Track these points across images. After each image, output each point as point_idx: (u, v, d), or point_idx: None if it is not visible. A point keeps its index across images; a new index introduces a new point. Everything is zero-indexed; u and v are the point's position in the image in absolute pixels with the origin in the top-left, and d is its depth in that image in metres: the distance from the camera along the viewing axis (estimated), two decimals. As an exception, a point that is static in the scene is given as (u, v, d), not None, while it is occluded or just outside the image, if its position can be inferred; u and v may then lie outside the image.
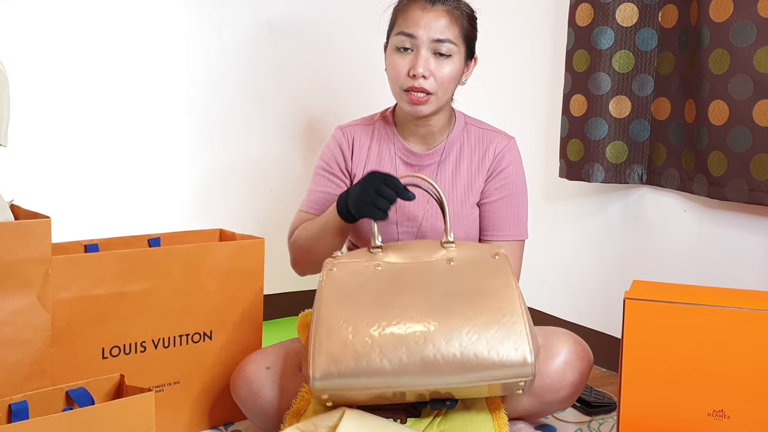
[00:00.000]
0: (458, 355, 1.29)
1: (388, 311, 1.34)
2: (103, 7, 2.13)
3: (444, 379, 1.30)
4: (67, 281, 1.48)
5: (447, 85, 1.58)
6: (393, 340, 1.30)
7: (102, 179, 2.17)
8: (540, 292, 2.41)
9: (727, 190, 1.77)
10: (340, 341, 1.31)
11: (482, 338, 1.30)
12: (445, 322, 1.31)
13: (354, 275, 1.42)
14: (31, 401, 1.29)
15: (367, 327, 1.32)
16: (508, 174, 1.66)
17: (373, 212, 1.45)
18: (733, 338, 1.37)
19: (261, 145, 2.45)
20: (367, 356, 1.30)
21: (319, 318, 1.35)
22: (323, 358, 1.30)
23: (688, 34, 1.89)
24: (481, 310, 1.33)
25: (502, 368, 1.29)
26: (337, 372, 1.30)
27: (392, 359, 1.29)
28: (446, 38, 1.55)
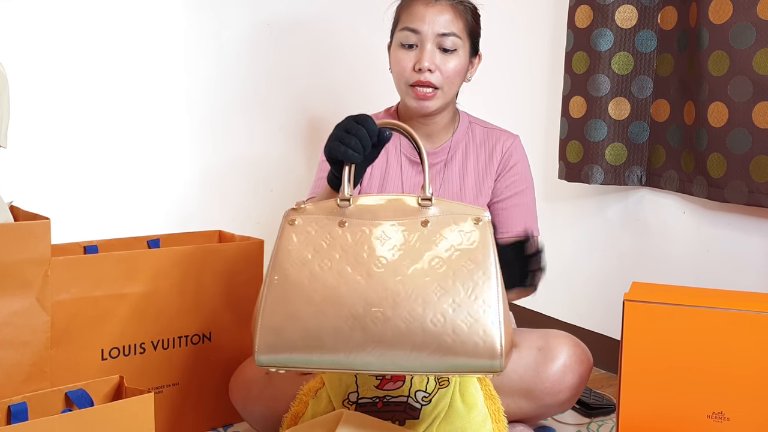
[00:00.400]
0: (420, 342, 1.16)
1: (346, 284, 1.19)
2: (102, 9, 2.13)
3: (403, 364, 1.18)
4: (66, 282, 1.48)
5: (453, 80, 1.58)
6: (349, 320, 1.17)
7: (101, 180, 2.17)
8: (539, 293, 2.40)
9: (726, 191, 1.77)
10: (290, 314, 1.18)
11: (447, 324, 1.16)
12: (409, 305, 1.17)
13: (316, 233, 1.25)
14: (30, 402, 1.28)
15: (322, 302, 1.18)
16: (516, 171, 1.67)
17: (342, 151, 1.27)
18: (732, 340, 1.37)
19: (261, 146, 2.45)
20: (319, 334, 1.17)
21: (270, 283, 1.21)
22: (269, 332, 1.17)
23: (687, 35, 1.89)
24: (450, 290, 1.18)
25: (468, 358, 1.16)
26: (283, 348, 1.17)
27: (347, 340, 1.16)
28: (451, 32, 1.56)
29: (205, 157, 2.36)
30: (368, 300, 1.17)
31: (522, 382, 1.49)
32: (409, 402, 1.47)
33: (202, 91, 2.33)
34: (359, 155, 1.27)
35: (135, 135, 2.22)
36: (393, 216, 1.25)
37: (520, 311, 2.39)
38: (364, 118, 1.29)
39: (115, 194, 2.20)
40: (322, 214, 1.27)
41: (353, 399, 1.47)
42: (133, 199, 2.23)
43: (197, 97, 2.32)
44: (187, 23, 2.28)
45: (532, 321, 2.37)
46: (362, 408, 1.46)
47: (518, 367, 1.50)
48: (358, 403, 1.47)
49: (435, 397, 1.48)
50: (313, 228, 1.26)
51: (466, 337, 1.15)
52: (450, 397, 1.48)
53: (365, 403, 1.47)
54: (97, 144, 2.16)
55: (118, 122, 2.19)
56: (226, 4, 2.33)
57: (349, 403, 1.46)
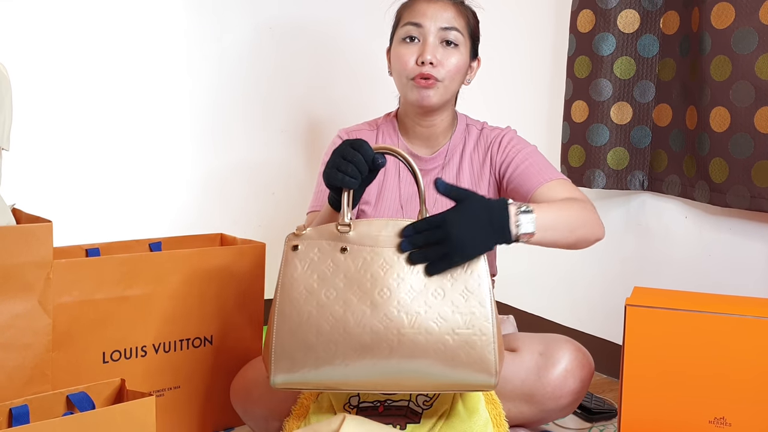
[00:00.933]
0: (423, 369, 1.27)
1: (353, 315, 1.27)
2: (104, 14, 2.14)
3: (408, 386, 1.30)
4: (68, 285, 1.48)
5: (454, 75, 1.58)
6: (358, 349, 1.26)
7: (103, 183, 2.17)
8: (540, 298, 2.41)
9: (728, 196, 1.77)
10: (303, 344, 1.27)
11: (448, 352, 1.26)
12: (413, 334, 1.26)
13: (318, 260, 1.31)
14: (31, 405, 1.28)
15: (331, 331, 1.26)
16: (512, 144, 1.63)
17: (339, 178, 1.29)
18: (734, 345, 1.37)
19: (263, 150, 2.45)
20: (330, 362, 1.27)
21: (281, 311, 1.29)
22: (285, 361, 1.28)
23: (689, 40, 1.89)
24: (449, 319, 1.26)
25: (466, 381, 1.28)
26: (298, 374, 1.28)
27: (355, 366, 1.27)
28: (453, 26, 1.57)
29: (207, 161, 2.36)
30: (374, 329, 1.25)
31: (523, 387, 1.49)
32: (410, 406, 1.47)
33: (204, 95, 2.33)
34: (356, 181, 1.29)
35: (137, 138, 2.23)
36: (393, 242, 1.30)
37: (522, 315, 2.39)
38: (360, 143, 1.30)
39: (117, 197, 2.20)
40: (324, 239, 1.31)
41: (354, 403, 1.47)
42: (135, 202, 2.23)
43: (199, 100, 2.33)
44: (189, 27, 2.28)
45: (533, 325, 2.37)
46: (363, 412, 1.46)
47: (520, 372, 1.50)
48: (359, 407, 1.47)
49: (436, 402, 1.48)
50: (316, 255, 1.31)
51: (464, 364, 1.25)
52: (451, 401, 1.48)
53: (366, 407, 1.47)
54: (99, 147, 2.16)
55: (121, 126, 2.19)
56: (228, 8, 2.34)
57: (350, 407, 1.46)
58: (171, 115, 2.28)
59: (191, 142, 2.32)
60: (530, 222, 1.30)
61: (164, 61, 2.25)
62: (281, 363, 1.28)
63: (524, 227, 1.30)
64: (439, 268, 1.27)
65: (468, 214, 1.27)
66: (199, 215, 2.35)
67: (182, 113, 2.30)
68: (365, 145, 1.30)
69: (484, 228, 1.27)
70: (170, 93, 2.27)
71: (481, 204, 1.29)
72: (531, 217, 1.31)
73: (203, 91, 2.33)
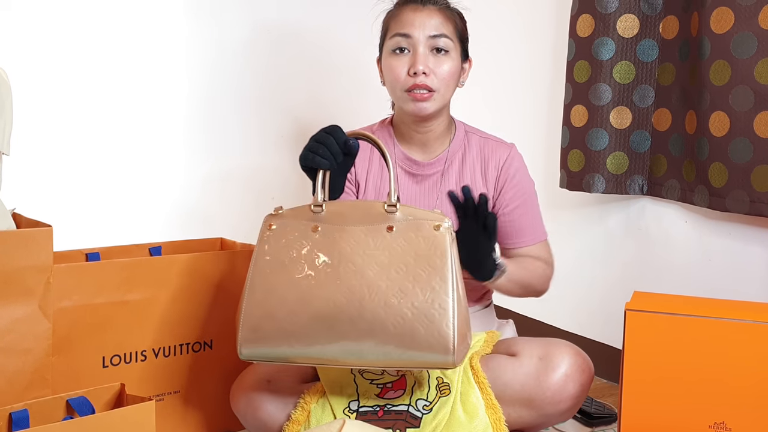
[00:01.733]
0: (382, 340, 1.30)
1: (318, 287, 1.33)
2: (103, 19, 2.14)
3: (368, 359, 1.32)
4: (68, 290, 1.48)
5: (448, 82, 1.59)
6: (320, 320, 1.31)
7: (104, 188, 2.17)
8: (540, 302, 2.40)
9: (728, 201, 1.77)
10: (269, 315, 1.33)
11: (406, 325, 1.29)
12: (372, 307, 1.30)
13: (292, 238, 1.38)
14: (31, 410, 1.28)
15: (295, 303, 1.32)
16: (517, 181, 1.67)
17: (311, 158, 1.38)
18: (734, 350, 1.37)
19: (261, 154, 2.45)
20: (293, 332, 1.32)
21: (251, 285, 1.36)
22: (250, 331, 1.33)
23: (688, 45, 1.89)
24: (409, 293, 1.31)
25: (424, 355, 1.30)
26: (263, 344, 1.33)
27: (317, 337, 1.31)
28: (442, 33, 1.58)
29: (207, 165, 2.36)
30: (337, 302, 1.31)
31: (523, 392, 1.49)
32: (410, 410, 1.47)
33: (205, 99, 2.34)
34: (327, 162, 1.38)
35: (136, 143, 2.23)
36: (361, 221, 1.37)
37: (521, 320, 2.39)
38: (333, 128, 1.41)
39: (117, 201, 2.20)
40: (298, 219, 1.40)
41: (354, 407, 1.47)
42: (134, 206, 2.23)
43: (199, 105, 2.33)
44: (187, 33, 2.29)
45: (533, 330, 2.36)
46: (363, 416, 1.46)
47: (519, 376, 1.50)
48: (358, 411, 1.47)
49: (436, 406, 1.48)
50: (290, 232, 1.39)
51: (422, 338, 1.29)
52: (451, 405, 1.48)
53: (366, 412, 1.47)
54: (99, 152, 2.16)
55: (120, 130, 2.20)
56: (225, 13, 2.34)
57: (349, 411, 1.46)
58: (170, 119, 2.28)
59: (191, 147, 2.33)
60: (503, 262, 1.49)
61: (162, 66, 2.25)
62: (247, 333, 1.34)
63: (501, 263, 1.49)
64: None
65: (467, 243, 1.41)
66: (199, 219, 2.35)
67: (181, 118, 2.30)
68: (338, 130, 1.40)
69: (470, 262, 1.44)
70: (169, 98, 2.27)
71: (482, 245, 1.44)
72: (504, 275, 1.50)
73: (202, 96, 2.33)
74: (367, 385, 1.50)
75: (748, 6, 1.71)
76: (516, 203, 1.66)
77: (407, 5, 1.61)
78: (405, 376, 1.51)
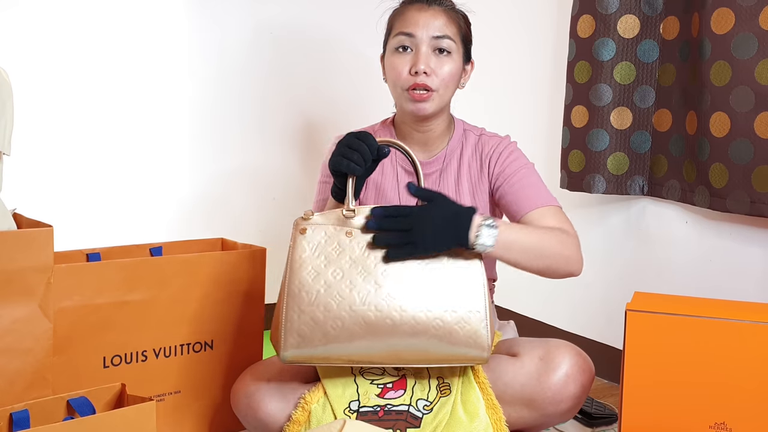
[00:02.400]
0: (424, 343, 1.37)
1: (358, 294, 1.37)
2: (105, 19, 2.14)
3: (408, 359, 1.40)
4: (68, 290, 1.48)
5: (448, 83, 1.59)
6: (363, 325, 1.36)
7: (104, 188, 2.18)
8: (541, 302, 2.41)
9: (728, 201, 1.77)
10: (312, 320, 1.36)
11: (446, 327, 1.37)
12: (413, 311, 1.37)
13: (326, 242, 1.41)
14: (32, 410, 1.29)
15: (338, 308, 1.36)
16: (506, 157, 1.64)
17: (345, 164, 1.39)
18: (735, 350, 1.37)
19: (263, 155, 2.46)
20: (337, 337, 1.36)
21: (290, 291, 1.38)
22: (294, 337, 1.37)
23: (689, 46, 1.89)
24: (446, 296, 1.38)
25: (460, 354, 1.39)
26: (306, 348, 1.37)
27: (360, 341, 1.37)
28: (445, 34, 1.58)
29: (209, 166, 2.36)
30: (378, 307, 1.36)
31: (524, 392, 1.49)
32: (411, 411, 1.47)
33: (205, 100, 2.34)
34: (361, 168, 1.40)
35: (138, 143, 2.23)
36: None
37: (522, 320, 2.39)
38: (365, 134, 1.41)
39: (118, 202, 2.20)
40: (330, 224, 1.42)
41: (354, 407, 1.47)
42: (135, 206, 2.23)
43: (200, 105, 2.33)
44: (189, 33, 2.29)
45: (533, 330, 2.37)
46: (363, 416, 1.46)
47: (520, 377, 1.50)
48: (359, 412, 1.47)
49: (436, 406, 1.48)
50: (323, 237, 1.41)
51: (461, 339, 1.37)
52: (451, 405, 1.48)
53: (366, 412, 1.47)
54: (100, 152, 2.16)
55: (122, 130, 2.20)
56: (228, 13, 2.34)
57: (350, 411, 1.46)
58: (171, 120, 2.28)
59: (192, 147, 2.33)
60: (490, 236, 1.39)
61: (164, 66, 2.25)
62: (291, 339, 1.36)
63: (483, 239, 1.38)
64: (398, 255, 1.38)
65: (435, 211, 1.38)
66: (200, 220, 2.35)
67: (183, 118, 2.30)
68: (370, 137, 1.41)
69: (447, 228, 1.37)
70: (170, 98, 2.27)
71: (449, 206, 1.39)
72: (493, 231, 1.39)
73: (204, 97, 2.33)
74: (367, 385, 1.50)
75: (749, 7, 1.71)
76: (511, 173, 1.63)
77: (412, 5, 1.61)
78: (405, 376, 1.51)
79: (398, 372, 1.52)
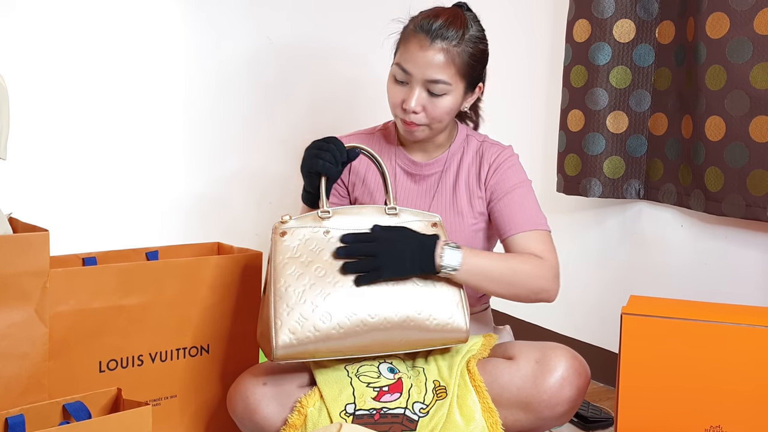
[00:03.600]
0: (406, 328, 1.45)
1: (342, 287, 1.44)
2: (101, 23, 2.14)
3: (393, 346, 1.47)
4: (64, 294, 1.48)
5: (441, 118, 1.59)
6: (350, 316, 1.42)
7: (100, 192, 2.17)
8: (536, 306, 2.41)
9: (723, 205, 1.78)
10: (300, 316, 1.41)
11: (425, 313, 1.45)
12: (395, 300, 1.44)
13: (305, 243, 1.48)
14: (27, 415, 1.28)
15: (325, 302, 1.42)
16: (504, 170, 1.64)
17: (320, 164, 1.48)
18: (730, 354, 1.37)
19: (260, 158, 2.46)
20: (326, 330, 1.41)
21: (277, 291, 1.43)
22: (285, 333, 1.40)
23: (684, 50, 1.90)
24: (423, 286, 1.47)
25: (442, 337, 1.48)
26: (297, 343, 1.41)
27: (348, 333, 1.42)
28: (440, 79, 1.54)
29: (205, 170, 2.36)
30: (363, 296, 1.43)
31: (520, 395, 1.49)
32: (407, 414, 1.47)
33: (202, 104, 2.34)
34: (333, 167, 1.48)
35: (135, 147, 2.23)
36: (367, 225, 1.50)
37: (518, 324, 2.40)
38: (331, 138, 1.51)
39: (114, 206, 2.20)
40: (308, 226, 1.50)
41: (350, 410, 1.47)
42: (132, 211, 2.23)
43: (197, 110, 2.33)
44: (187, 37, 2.29)
45: (529, 333, 2.37)
46: (359, 420, 1.46)
47: (516, 380, 1.50)
48: (355, 415, 1.47)
49: (432, 409, 1.48)
50: (303, 238, 1.49)
51: (440, 323, 1.46)
52: (447, 408, 1.48)
53: (362, 415, 1.47)
54: (96, 156, 2.16)
55: (118, 134, 2.20)
56: (227, 18, 2.35)
57: (346, 414, 1.46)
58: (168, 123, 2.28)
59: (188, 151, 2.33)
60: (454, 258, 1.46)
61: (162, 70, 2.25)
62: (283, 337, 1.40)
63: (447, 260, 1.45)
64: (367, 280, 1.44)
65: (399, 237, 1.46)
66: (197, 224, 2.35)
67: (180, 122, 2.30)
68: (336, 140, 1.51)
69: (413, 252, 1.45)
70: (167, 102, 2.27)
71: (414, 235, 1.47)
72: (456, 254, 1.46)
73: (200, 101, 2.33)
74: (363, 388, 1.50)
75: (743, 11, 1.72)
76: (506, 189, 1.63)
77: (417, 36, 1.55)
78: (402, 380, 1.51)
79: (394, 375, 1.52)
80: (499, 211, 1.63)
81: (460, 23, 1.57)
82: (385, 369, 1.53)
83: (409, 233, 1.48)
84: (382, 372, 1.52)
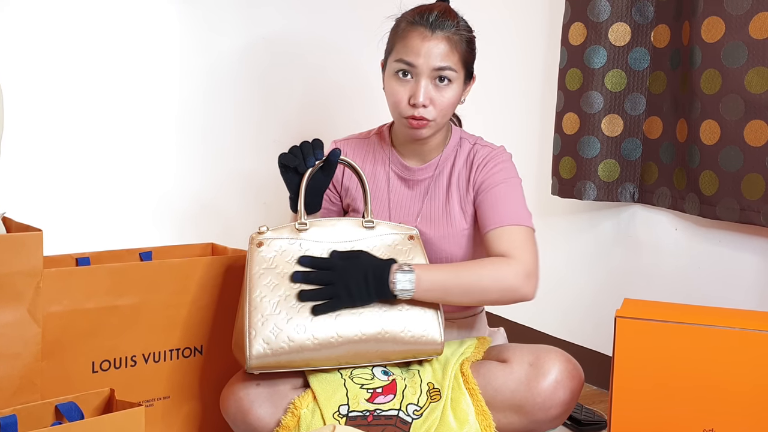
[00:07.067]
0: (381, 341, 1.46)
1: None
2: (95, 23, 2.14)
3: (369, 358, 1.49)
4: (58, 294, 1.48)
5: (446, 111, 1.59)
6: (324, 327, 1.43)
7: (94, 192, 2.17)
8: (530, 309, 2.41)
9: (718, 209, 1.78)
10: (275, 327, 1.42)
11: (400, 326, 1.47)
12: (369, 312, 1.46)
13: (282, 254, 1.49)
14: (20, 415, 1.28)
15: (299, 313, 1.43)
16: (491, 167, 1.63)
17: (291, 159, 1.52)
18: (724, 357, 1.38)
19: (254, 159, 2.45)
20: (301, 341, 1.42)
21: (252, 301, 1.44)
22: (259, 343, 1.41)
23: (680, 54, 1.90)
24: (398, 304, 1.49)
25: (417, 349, 1.49)
26: (271, 353, 1.42)
27: (322, 344, 1.43)
28: (447, 65, 1.55)
29: (199, 170, 2.36)
30: (339, 313, 1.45)
31: (513, 398, 1.49)
32: (400, 415, 1.47)
33: (196, 104, 2.33)
34: (311, 159, 1.51)
35: (129, 147, 2.22)
36: (343, 238, 1.53)
37: (512, 326, 2.40)
38: (303, 143, 1.54)
39: (108, 206, 2.19)
40: (284, 237, 1.52)
41: (344, 412, 1.47)
42: (125, 211, 2.22)
43: (191, 110, 2.33)
44: (182, 37, 2.29)
45: (523, 336, 2.37)
46: (353, 421, 1.46)
47: (510, 382, 1.50)
48: (348, 416, 1.46)
49: (426, 411, 1.48)
50: (279, 250, 1.50)
51: (415, 335, 1.48)
52: (441, 411, 1.48)
53: (356, 417, 1.46)
54: (90, 156, 2.16)
55: (112, 135, 2.19)
56: (221, 18, 2.34)
57: (339, 416, 1.46)
58: (162, 124, 2.28)
59: (183, 152, 2.32)
60: (407, 281, 1.45)
61: (156, 69, 2.25)
62: (257, 347, 1.41)
63: (400, 284, 1.45)
64: (324, 310, 1.44)
65: (355, 265, 1.46)
66: (191, 224, 2.34)
67: (174, 122, 2.30)
68: (316, 140, 1.54)
69: (368, 280, 1.45)
70: (161, 102, 2.27)
71: (370, 259, 1.48)
72: (409, 276, 1.46)
73: (195, 101, 2.33)
74: (357, 389, 1.49)
75: (739, 16, 1.72)
76: (492, 184, 1.62)
77: (415, 29, 1.57)
78: (396, 381, 1.51)
79: (388, 377, 1.52)
80: (483, 206, 1.62)
81: (453, 14, 1.61)
82: (379, 371, 1.53)
83: (365, 260, 1.47)
84: (376, 374, 1.52)
